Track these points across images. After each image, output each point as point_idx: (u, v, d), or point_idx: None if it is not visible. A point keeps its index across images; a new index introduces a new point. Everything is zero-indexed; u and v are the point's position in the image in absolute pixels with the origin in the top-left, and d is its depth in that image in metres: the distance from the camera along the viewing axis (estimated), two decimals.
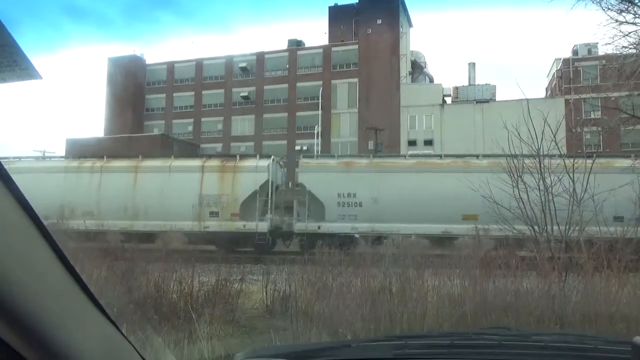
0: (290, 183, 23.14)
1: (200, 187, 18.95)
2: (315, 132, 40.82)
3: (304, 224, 18.68)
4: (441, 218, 17.19)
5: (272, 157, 20.06)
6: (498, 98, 40.84)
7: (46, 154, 31.50)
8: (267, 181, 18.88)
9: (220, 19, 65.11)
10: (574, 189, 7.99)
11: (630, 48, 12.73)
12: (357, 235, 17.70)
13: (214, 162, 19.93)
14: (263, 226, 18.47)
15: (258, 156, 20.62)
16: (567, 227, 7.63)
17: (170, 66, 47.96)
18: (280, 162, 21.07)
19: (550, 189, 7.85)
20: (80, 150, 27.20)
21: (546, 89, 45.29)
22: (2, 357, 0.84)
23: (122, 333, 1.11)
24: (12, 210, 0.80)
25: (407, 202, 17.46)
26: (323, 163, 19.93)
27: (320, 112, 42.06)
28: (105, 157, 20.79)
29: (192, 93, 46.86)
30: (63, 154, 32.86)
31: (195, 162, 20.00)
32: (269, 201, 18.89)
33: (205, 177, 19.10)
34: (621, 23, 12.26)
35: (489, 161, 18.30)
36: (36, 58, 0.97)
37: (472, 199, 17.18)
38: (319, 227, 18.21)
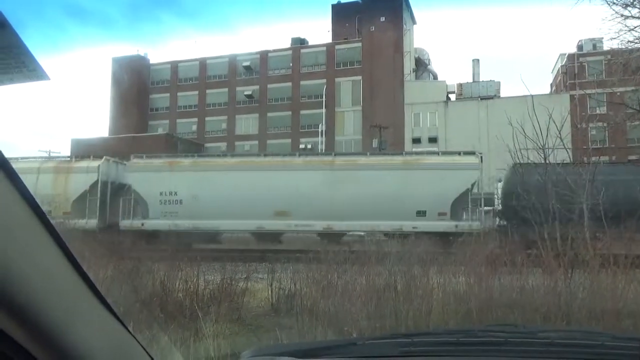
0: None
1: (35, 187, 19.76)
2: (320, 130, 40.80)
3: (129, 222, 19.52)
4: (255, 214, 17.94)
5: (105, 157, 21.14)
6: (502, 94, 40.66)
7: (51, 154, 31.63)
8: (97, 181, 20.18)
9: (222, 19, 65.29)
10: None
11: (636, 42, 12.64)
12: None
13: (50, 164, 21.45)
14: (92, 224, 19.13)
15: (91, 157, 21.68)
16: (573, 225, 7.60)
17: (174, 65, 48.05)
18: (122, 162, 21.91)
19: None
20: (85, 150, 27.34)
21: (551, 85, 45.06)
22: (12, 355, 0.84)
23: (129, 331, 1.12)
24: (18, 208, 0.81)
25: (225, 199, 18.18)
26: (149, 163, 20.70)
27: (324, 110, 42.04)
28: None
29: (196, 92, 46.94)
30: (68, 154, 33.03)
31: (32, 164, 20.83)
32: (98, 200, 20.04)
33: (40, 177, 19.72)
34: (627, 17, 12.17)
35: (305, 159, 20.28)
36: (42, 59, 0.98)
37: (286, 195, 18.27)
38: (142, 225, 19.24)
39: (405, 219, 17.31)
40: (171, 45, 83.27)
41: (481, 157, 18.54)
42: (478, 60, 44.98)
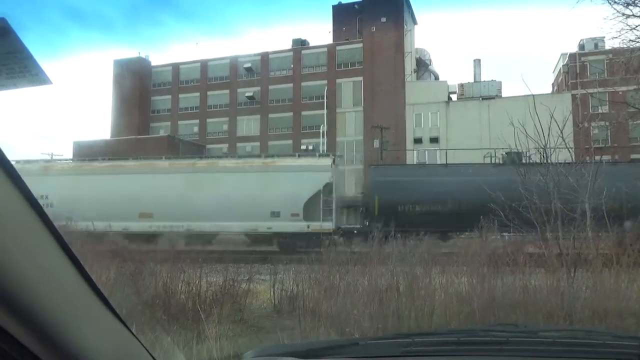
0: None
1: None
2: (321, 131, 40.80)
3: None
4: (120, 216, 18.31)
5: None
6: (504, 94, 40.57)
7: (54, 157, 31.71)
8: None
9: (223, 22, 65.29)
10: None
11: (638, 42, 12.61)
12: None
13: None
14: None
15: None
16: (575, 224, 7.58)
17: (176, 67, 48.11)
18: None
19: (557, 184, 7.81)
20: (87, 153, 27.38)
21: (552, 84, 44.95)
22: (15, 354, 0.85)
23: (132, 333, 1.12)
24: (19, 207, 0.81)
25: (98, 201, 18.57)
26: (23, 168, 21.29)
27: (325, 111, 42.03)
28: None
29: (198, 94, 46.98)
30: (70, 156, 33.10)
31: None
32: None
33: None
34: (628, 16, 12.15)
35: (170, 162, 21.13)
36: (44, 63, 0.99)
37: (149, 198, 18.75)
38: None
39: (261, 220, 18.06)
40: (172, 48, 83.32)
41: (334, 160, 19.38)
42: (479, 60, 45.00)
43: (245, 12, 64.81)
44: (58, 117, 79.32)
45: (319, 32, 72.72)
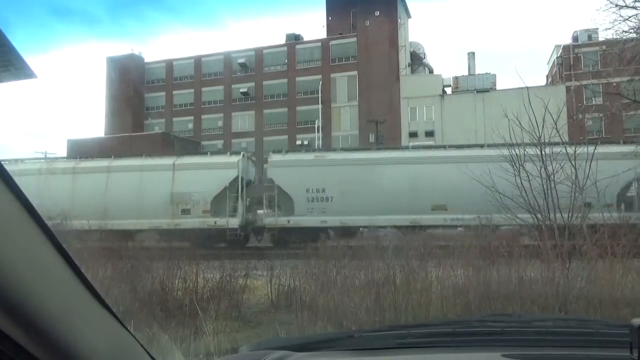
0: None
1: None
2: (316, 126, 40.74)
3: None
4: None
5: None
6: (498, 87, 40.64)
7: (48, 156, 31.53)
8: None
9: (209, 14, 64.58)
10: (576, 176, 7.98)
11: (631, 32, 12.65)
12: None
13: None
14: None
15: None
16: (570, 215, 7.63)
17: (169, 64, 47.86)
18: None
19: (552, 176, 7.84)
20: (81, 151, 27.25)
21: (547, 76, 45.06)
22: (12, 355, 0.85)
23: (128, 330, 1.12)
24: (12, 209, 0.81)
25: None
26: None
27: (320, 106, 41.96)
28: None
29: (192, 90, 46.79)
30: (65, 154, 32.93)
31: None
32: None
33: None
34: (621, 7, 12.19)
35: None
36: (29, 58, 0.98)
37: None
38: None
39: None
40: (161, 41, 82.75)
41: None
42: (473, 53, 44.97)
43: (235, 3, 64.26)
44: (50, 115, 78.91)
45: (312, 25, 72.26)
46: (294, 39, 45.55)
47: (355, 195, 17.89)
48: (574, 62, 37.61)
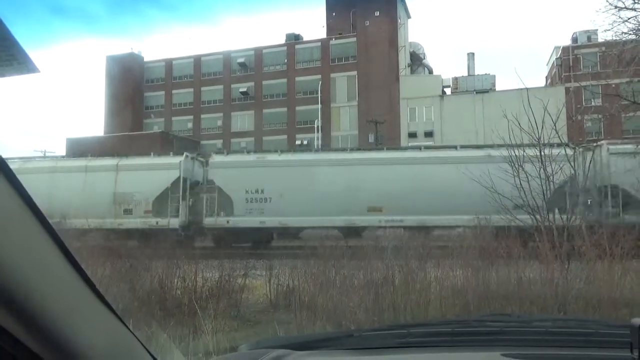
0: None
1: None
2: (316, 126, 40.74)
3: None
4: None
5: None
6: (498, 88, 40.68)
7: (47, 154, 31.51)
8: None
9: (207, 11, 64.36)
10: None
11: (630, 34, 12.66)
12: None
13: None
14: None
15: None
16: (569, 216, 7.64)
17: (169, 63, 47.83)
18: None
19: (551, 177, 7.85)
20: (80, 150, 27.24)
21: (546, 77, 45.12)
22: (14, 352, 0.85)
23: (128, 328, 1.12)
24: (15, 206, 0.81)
25: None
26: None
27: (319, 106, 41.97)
28: None
29: (191, 90, 46.77)
30: (64, 153, 32.91)
31: None
32: None
33: None
34: (620, 9, 12.18)
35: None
36: (30, 52, 0.97)
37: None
38: None
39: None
40: (159, 39, 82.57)
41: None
42: (473, 54, 45.04)
43: (233, 1, 63.99)
44: (50, 114, 78.87)
45: (312, 24, 72.45)
46: (294, 39, 45.56)
47: (293, 196, 17.90)
48: (574, 63, 37.67)
